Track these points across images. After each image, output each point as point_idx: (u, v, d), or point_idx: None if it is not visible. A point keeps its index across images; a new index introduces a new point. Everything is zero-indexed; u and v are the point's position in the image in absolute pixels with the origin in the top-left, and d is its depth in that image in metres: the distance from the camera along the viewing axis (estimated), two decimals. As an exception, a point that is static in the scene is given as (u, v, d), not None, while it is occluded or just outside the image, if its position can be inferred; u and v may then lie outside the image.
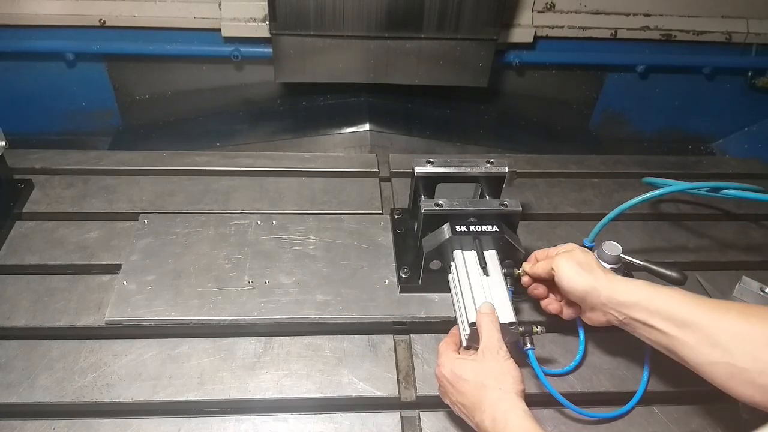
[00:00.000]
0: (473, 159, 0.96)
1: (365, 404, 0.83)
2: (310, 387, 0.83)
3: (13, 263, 0.97)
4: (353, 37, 1.60)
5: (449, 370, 0.74)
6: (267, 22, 1.64)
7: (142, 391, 0.81)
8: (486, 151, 1.77)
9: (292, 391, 0.83)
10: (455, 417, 0.77)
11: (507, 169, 0.95)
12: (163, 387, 0.82)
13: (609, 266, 0.89)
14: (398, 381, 0.85)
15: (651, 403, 0.85)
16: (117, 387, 0.82)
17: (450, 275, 0.92)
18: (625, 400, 0.84)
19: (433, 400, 0.82)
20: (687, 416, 0.84)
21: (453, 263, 0.90)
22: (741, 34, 1.85)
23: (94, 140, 1.93)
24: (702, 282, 1.02)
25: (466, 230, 0.88)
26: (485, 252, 0.88)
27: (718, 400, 0.84)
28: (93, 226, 1.04)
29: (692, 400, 0.86)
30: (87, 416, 0.79)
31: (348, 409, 0.82)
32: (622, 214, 0.93)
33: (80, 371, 0.83)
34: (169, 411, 0.81)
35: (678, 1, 1.80)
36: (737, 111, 2.04)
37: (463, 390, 0.72)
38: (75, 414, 0.79)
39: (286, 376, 0.84)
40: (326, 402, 0.83)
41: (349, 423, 0.80)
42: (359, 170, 1.21)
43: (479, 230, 0.88)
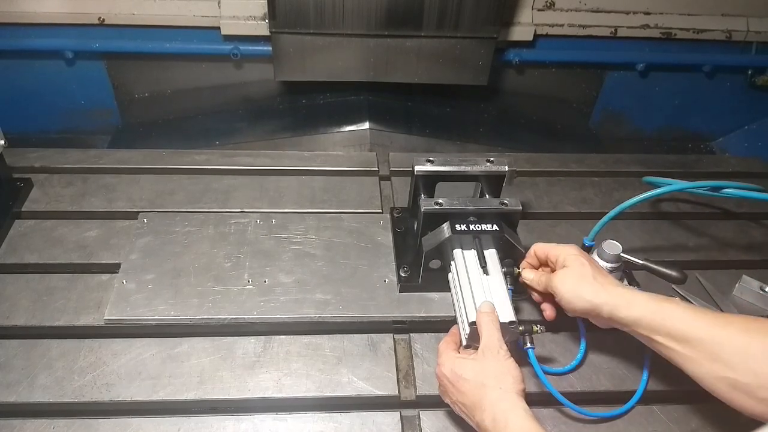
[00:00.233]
0: (473, 158, 0.96)
1: (365, 403, 0.83)
2: (310, 386, 0.83)
3: (13, 262, 0.97)
4: (353, 36, 1.59)
5: (449, 370, 0.74)
6: (266, 21, 1.63)
7: (142, 391, 0.81)
8: (486, 150, 1.77)
9: (292, 391, 0.83)
10: (455, 416, 0.77)
11: (507, 168, 0.94)
12: (163, 386, 0.82)
13: (609, 265, 0.89)
14: (398, 380, 0.85)
15: (651, 403, 0.85)
16: (116, 386, 0.81)
17: (450, 274, 0.92)
18: (625, 400, 0.84)
19: (433, 400, 0.82)
20: (687, 416, 0.84)
21: (453, 262, 0.90)
22: (741, 33, 1.85)
23: (94, 139, 1.93)
24: (702, 281, 1.02)
25: (466, 229, 0.87)
26: (485, 251, 0.88)
27: (719, 400, 0.84)
28: (92, 225, 1.04)
29: (692, 400, 0.86)
30: (86, 416, 0.79)
31: (348, 409, 0.82)
32: (622, 213, 0.93)
33: (80, 370, 0.83)
34: (169, 410, 0.81)
35: (678, 0, 1.80)
36: (737, 109, 2.04)
37: (464, 389, 0.72)
38: (74, 413, 0.79)
39: (286, 376, 0.84)
40: (326, 401, 0.83)
41: (349, 422, 0.80)
42: (359, 169, 1.21)
43: (479, 229, 0.87)
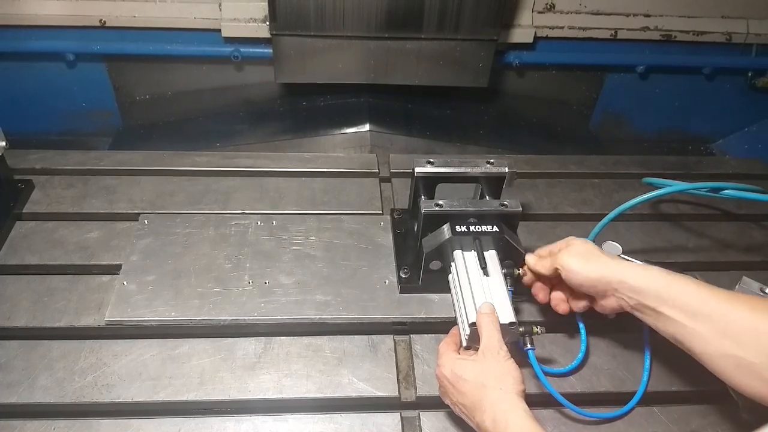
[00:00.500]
0: (473, 159, 0.96)
1: (365, 404, 0.83)
2: (310, 387, 0.83)
3: (14, 263, 0.97)
4: (353, 38, 1.60)
5: (450, 371, 0.74)
6: (267, 23, 1.64)
7: (142, 392, 0.81)
8: (486, 152, 1.77)
9: (292, 392, 0.83)
10: (455, 417, 0.77)
11: (507, 170, 0.95)
12: (163, 387, 0.82)
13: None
14: (398, 381, 0.85)
15: (651, 404, 0.85)
16: (117, 387, 0.82)
17: (450, 275, 0.92)
18: (625, 401, 0.84)
19: (433, 401, 0.82)
20: (687, 416, 0.84)
21: (453, 263, 0.90)
22: (741, 35, 1.85)
23: (95, 140, 1.94)
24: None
25: (466, 230, 0.88)
26: (485, 252, 0.88)
27: (718, 400, 0.85)
28: (93, 227, 1.04)
29: (692, 400, 0.86)
30: (87, 416, 0.79)
31: (348, 410, 0.82)
32: (622, 215, 0.93)
33: (80, 371, 0.83)
34: (169, 411, 0.81)
35: (678, 2, 1.80)
36: (737, 111, 2.04)
37: (464, 390, 0.72)
38: (75, 414, 0.79)
39: (286, 377, 0.84)
40: (326, 402, 0.83)
41: (349, 423, 0.80)
42: (359, 170, 1.21)
43: (479, 230, 0.88)
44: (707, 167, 1.33)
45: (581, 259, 0.78)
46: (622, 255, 0.90)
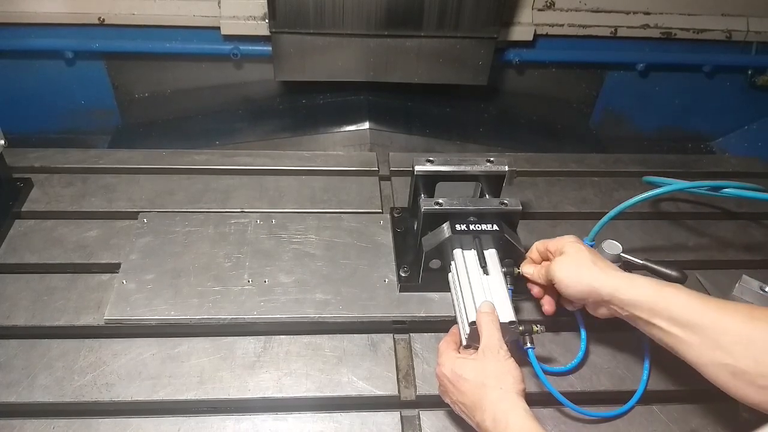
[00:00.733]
0: (473, 158, 0.96)
1: (365, 403, 0.83)
2: (310, 386, 0.83)
3: (13, 262, 0.97)
4: (353, 36, 1.60)
5: (450, 369, 0.74)
6: (266, 21, 1.63)
7: (142, 391, 0.81)
8: (486, 150, 1.77)
9: (292, 390, 0.83)
10: (455, 416, 0.77)
11: (507, 168, 0.94)
12: (163, 386, 0.82)
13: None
14: (398, 380, 0.85)
15: (651, 403, 0.85)
16: (116, 386, 0.81)
17: (450, 274, 0.92)
18: (625, 400, 0.84)
19: (433, 400, 0.82)
20: (687, 415, 0.84)
21: (453, 262, 0.90)
22: (741, 33, 1.85)
23: (94, 139, 1.93)
24: (702, 281, 1.02)
25: (466, 229, 0.87)
26: (485, 251, 0.88)
27: (718, 400, 0.84)
28: (92, 225, 1.04)
29: (692, 400, 0.86)
30: (86, 415, 0.79)
31: (348, 409, 0.82)
32: (622, 213, 0.93)
33: (80, 370, 0.83)
34: (169, 410, 0.81)
35: (678, 0, 1.80)
36: (737, 109, 2.04)
37: (464, 389, 0.72)
38: (74, 413, 0.79)
39: (286, 375, 0.84)
40: (326, 401, 0.83)
41: (349, 422, 0.80)
42: (359, 169, 1.21)
43: (479, 229, 0.87)
44: (707, 165, 1.33)
45: (572, 272, 0.79)
46: (623, 254, 0.90)
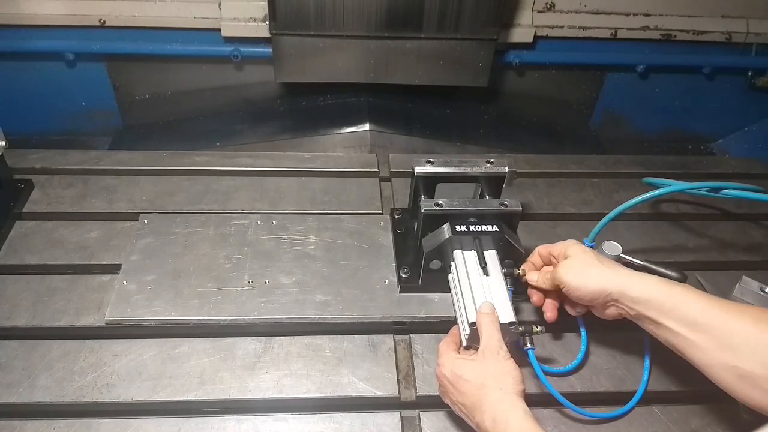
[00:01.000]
0: (473, 159, 0.96)
1: (365, 404, 0.83)
2: (310, 387, 0.83)
3: (13, 263, 0.97)
4: (353, 37, 1.60)
5: (449, 370, 0.74)
6: (267, 22, 1.64)
7: (142, 391, 0.81)
8: (486, 151, 1.78)
9: (292, 391, 0.83)
10: (455, 417, 0.77)
11: (507, 169, 0.95)
12: (163, 387, 0.82)
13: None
14: (398, 381, 0.85)
15: (651, 403, 0.85)
16: (117, 387, 0.81)
17: (450, 275, 0.92)
18: (625, 400, 0.84)
19: (433, 400, 0.82)
20: (687, 416, 0.84)
21: (453, 263, 0.90)
22: (741, 34, 1.85)
23: (94, 140, 1.93)
24: (702, 282, 1.02)
25: (466, 230, 0.88)
26: (485, 252, 0.88)
27: (718, 400, 0.84)
28: (93, 226, 1.04)
29: (692, 400, 0.86)
30: (87, 416, 0.79)
31: (348, 409, 0.82)
32: (622, 214, 0.93)
33: (80, 371, 0.83)
34: (169, 411, 0.81)
35: (678, 1, 1.80)
36: (737, 111, 2.04)
37: (464, 390, 0.72)
38: (75, 414, 0.79)
39: (286, 376, 0.84)
40: (326, 402, 0.83)
41: (349, 423, 0.80)
42: (359, 170, 1.21)
43: (479, 230, 0.88)
44: (707, 167, 1.33)
45: (579, 274, 0.78)
46: (623, 255, 0.90)
